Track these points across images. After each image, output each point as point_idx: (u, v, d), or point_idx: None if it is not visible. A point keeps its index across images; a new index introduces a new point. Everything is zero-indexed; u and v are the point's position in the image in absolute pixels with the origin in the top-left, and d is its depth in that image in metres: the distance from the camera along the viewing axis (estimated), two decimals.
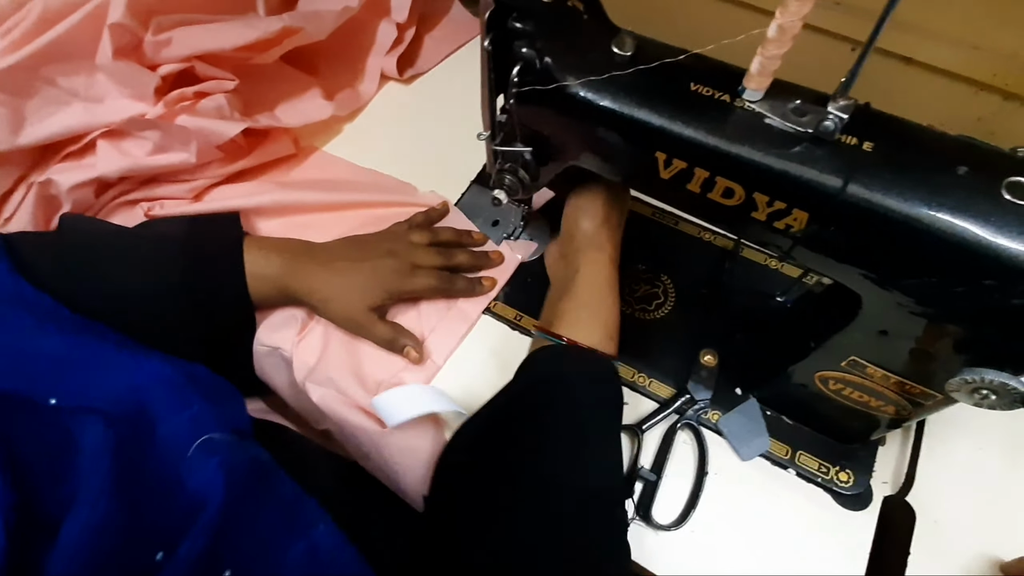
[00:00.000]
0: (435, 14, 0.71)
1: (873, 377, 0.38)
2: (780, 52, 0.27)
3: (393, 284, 0.47)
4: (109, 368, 0.33)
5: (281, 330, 0.49)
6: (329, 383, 0.47)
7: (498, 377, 0.49)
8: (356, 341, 0.49)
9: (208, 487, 0.28)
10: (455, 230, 0.54)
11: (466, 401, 0.48)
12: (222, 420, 0.33)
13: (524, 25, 0.31)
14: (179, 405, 0.32)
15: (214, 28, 0.54)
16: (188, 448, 0.30)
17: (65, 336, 0.34)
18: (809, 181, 0.29)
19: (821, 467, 0.45)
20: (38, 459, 0.27)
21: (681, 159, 0.32)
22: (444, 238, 0.52)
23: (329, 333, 0.49)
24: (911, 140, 0.30)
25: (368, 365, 0.49)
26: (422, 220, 0.54)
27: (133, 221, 0.51)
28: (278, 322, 0.49)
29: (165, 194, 0.55)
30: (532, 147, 0.38)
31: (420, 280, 0.48)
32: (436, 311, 0.51)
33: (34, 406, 0.30)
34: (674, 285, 0.53)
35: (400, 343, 0.48)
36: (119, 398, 0.31)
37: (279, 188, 0.57)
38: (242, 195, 0.56)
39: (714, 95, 0.31)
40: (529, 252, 0.54)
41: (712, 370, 0.48)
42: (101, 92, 0.51)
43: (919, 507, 0.43)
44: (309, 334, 0.49)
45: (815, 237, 0.31)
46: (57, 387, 0.31)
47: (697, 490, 0.44)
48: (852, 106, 0.28)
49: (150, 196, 0.55)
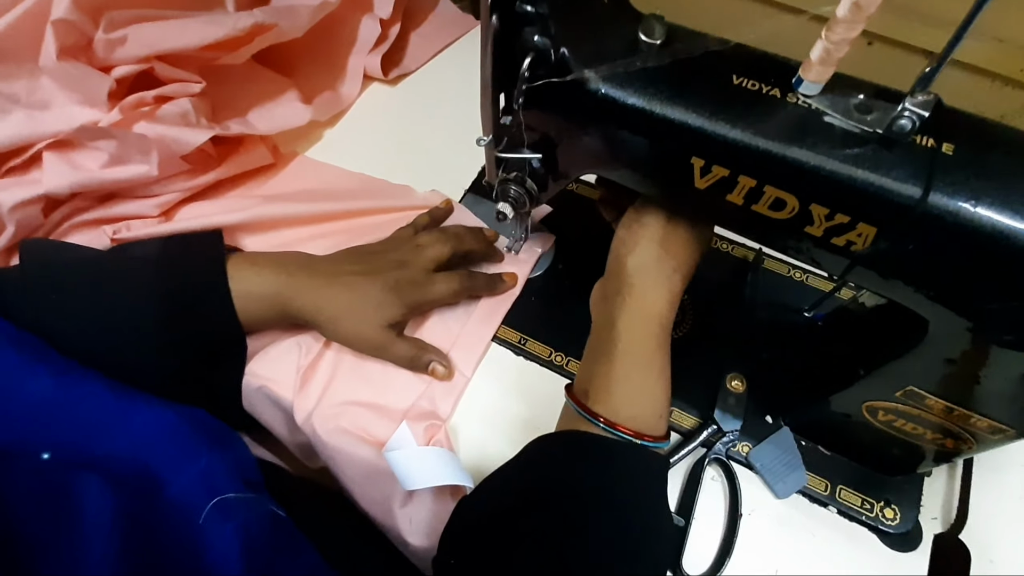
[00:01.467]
0: (422, 10, 0.66)
1: (932, 409, 0.33)
2: (850, 36, 0.22)
3: (411, 296, 0.42)
4: (106, 416, 0.30)
5: (277, 361, 0.43)
6: (340, 416, 0.41)
7: (506, 406, 0.44)
8: (369, 363, 0.44)
9: (225, 560, 0.25)
10: (464, 227, 0.49)
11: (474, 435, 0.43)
12: (233, 471, 0.29)
13: (536, 8, 0.26)
14: (185, 459, 0.29)
15: (176, 25, 0.48)
16: (200, 511, 0.27)
17: (56, 378, 0.30)
18: (881, 189, 0.25)
19: (864, 503, 0.41)
20: (33, 522, 0.24)
21: (722, 165, 0.27)
22: (453, 235, 0.47)
23: (340, 358, 0.44)
24: (996, 141, 0.25)
25: (389, 393, 0.44)
26: (427, 221, 0.49)
27: (96, 245, 0.45)
28: (273, 352, 0.43)
29: (127, 212, 0.50)
30: (541, 153, 0.33)
31: (440, 287, 0.43)
32: (456, 318, 0.47)
33: (27, 460, 0.26)
34: (692, 301, 0.49)
35: (424, 360, 0.43)
36: (120, 453, 0.29)
37: (260, 202, 0.51)
38: (219, 211, 0.50)
39: (762, 89, 0.26)
40: (531, 269, 0.49)
41: (740, 396, 0.43)
42: (46, 97, 0.45)
43: (972, 545, 0.39)
44: (317, 361, 0.44)
45: (883, 255, 0.27)
46: (51, 438, 0.28)
47: (731, 535, 0.40)
48: (933, 101, 0.24)
49: (111, 216, 0.49)
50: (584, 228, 0.52)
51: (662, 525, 0.34)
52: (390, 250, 0.45)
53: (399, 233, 0.48)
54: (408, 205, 0.52)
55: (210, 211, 0.51)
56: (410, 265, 0.43)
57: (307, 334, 0.44)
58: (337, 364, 0.44)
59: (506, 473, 0.35)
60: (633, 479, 0.33)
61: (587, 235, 0.52)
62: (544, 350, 0.47)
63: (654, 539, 0.33)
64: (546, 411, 0.44)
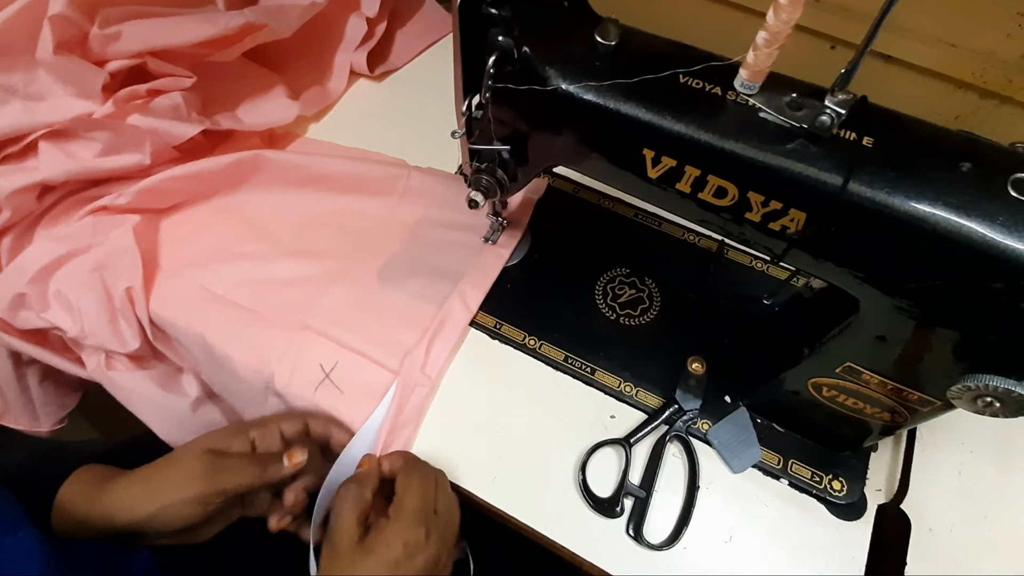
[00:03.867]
0: (408, 9, 0.68)
1: (869, 384, 0.36)
2: (784, 33, 0.25)
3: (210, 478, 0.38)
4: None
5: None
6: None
7: (481, 386, 0.47)
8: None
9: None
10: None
11: (454, 413, 0.46)
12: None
13: (500, 11, 0.29)
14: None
15: (168, 23, 0.50)
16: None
17: None
18: (808, 179, 0.27)
19: (814, 476, 0.44)
20: None
21: (670, 156, 0.30)
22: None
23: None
24: (912, 135, 0.28)
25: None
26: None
27: (80, 229, 0.47)
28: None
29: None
30: (510, 145, 0.36)
31: (233, 474, 0.39)
32: (433, 300, 0.50)
33: None
34: (659, 289, 0.51)
35: (269, 463, 0.40)
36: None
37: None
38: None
39: (705, 88, 0.29)
40: (508, 257, 0.52)
41: (700, 378, 0.46)
42: (42, 89, 0.47)
43: (913, 515, 0.42)
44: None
45: (813, 239, 0.29)
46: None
47: (689, 506, 0.42)
48: (851, 100, 0.26)
49: (99, 196, 0.51)
50: (558, 221, 0.55)
51: None
52: (203, 440, 0.41)
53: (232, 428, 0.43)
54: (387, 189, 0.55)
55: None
56: (212, 453, 0.39)
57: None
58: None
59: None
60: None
61: (561, 226, 0.55)
62: (518, 334, 0.49)
63: None
64: (519, 390, 0.47)
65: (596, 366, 0.48)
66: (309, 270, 0.51)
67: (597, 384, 0.47)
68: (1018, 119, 0.55)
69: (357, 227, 0.54)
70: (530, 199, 0.54)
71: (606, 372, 0.47)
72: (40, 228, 0.50)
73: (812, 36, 0.57)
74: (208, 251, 0.52)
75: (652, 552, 0.41)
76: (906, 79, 0.57)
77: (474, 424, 0.46)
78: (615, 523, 0.42)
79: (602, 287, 0.51)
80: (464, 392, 0.47)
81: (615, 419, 0.46)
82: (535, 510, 0.43)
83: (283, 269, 0.51)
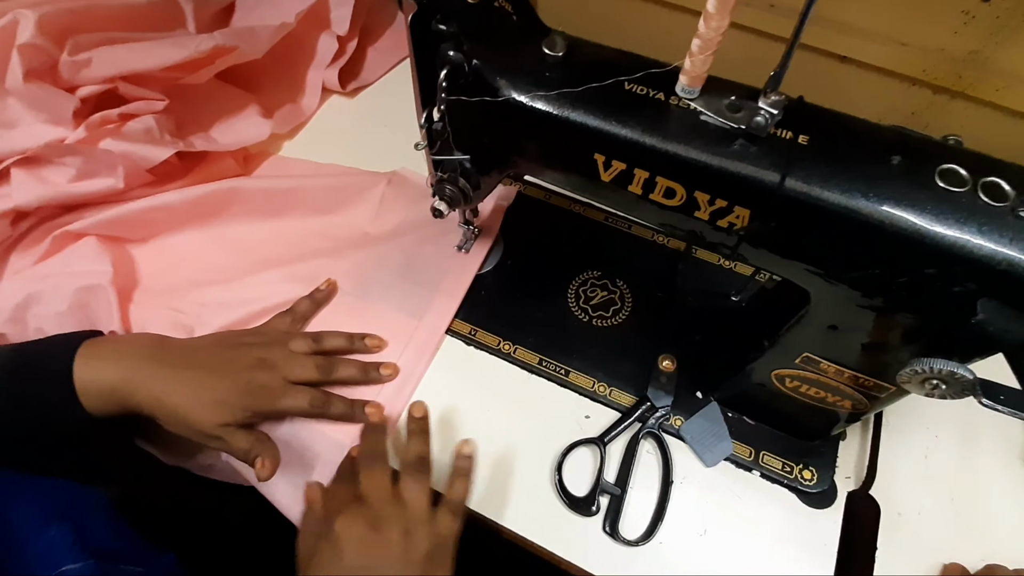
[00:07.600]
0: (378, 26, 0.70)
1: (827, 373, 0.37)
2: (718, 34, 0.26)
3: (257, 403, 0.41)
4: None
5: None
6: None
7: (457, 391, 0.47)
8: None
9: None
10: (346, 336, 0.48)
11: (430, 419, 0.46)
12: (77, 543, 0.31)
13: (448, 27, 0.30)
14: (33, 532, 0.30)
15: (138, 48, 0.51)
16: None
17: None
18: (747, 177, 0.29)
19: (785, 466, 0.45)
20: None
21: (620, 160, 0.31)
22: (330, 346, 0.46)
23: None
24: (845, 132, 0.29)
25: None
26: (306, 308, 0.49)
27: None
28: None
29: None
30: (470, 155, 0.37)
31: (288, 401, 0.42)
32: (411, 313, 0.50)
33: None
34: (630, 290, 0.52)
35: (253, 455, 0.42)
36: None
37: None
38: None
39: (649, 93, 0.30)
40: (481, 265, 0.53)
41: (671, 375, 0.47)
42: (13, 117, 0.48)
43: (883, 500, 0.43)
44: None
45: (758, 234, 0.31)
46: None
47: (663, 501, 0.43)
48: (783, 101, 0.28)
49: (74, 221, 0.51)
50: (529, 227, 0.56)
51: None
52: (256, 347, 0.44)
53: (275, 323, 0.48)
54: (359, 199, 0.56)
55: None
56: (269, 369, 0.43)
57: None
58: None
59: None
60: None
61: (532, 232, 0.56)
62: (493, 339, 0.50)
63: None
64: (495, 394, 0.48)
65: (570, 367, 0.48)
66: (286, 290, 0.50)
67: (571, 385, 0.48)
68: (971, 112, 0.57)
69: (332, 244, 0.55)
70: (500, 206, 0.55)
71: (580, 373, 0.48)
72: (13, 255, 0.50)
73: (770, 40, 0.58)
74: (185, 280, 0.52)
75: (628, 548, 0.42)
76: (861, 78, 0.59)
77: (451, 429, 0.46)
78: (591, 521, 0.43)
79: (574, 290, 0.52)
80: (440, 398, 0.47)
81: (590, 419, 0.47)
82: (512, 512, 0.43)
83: (260, 292, 0.51)
